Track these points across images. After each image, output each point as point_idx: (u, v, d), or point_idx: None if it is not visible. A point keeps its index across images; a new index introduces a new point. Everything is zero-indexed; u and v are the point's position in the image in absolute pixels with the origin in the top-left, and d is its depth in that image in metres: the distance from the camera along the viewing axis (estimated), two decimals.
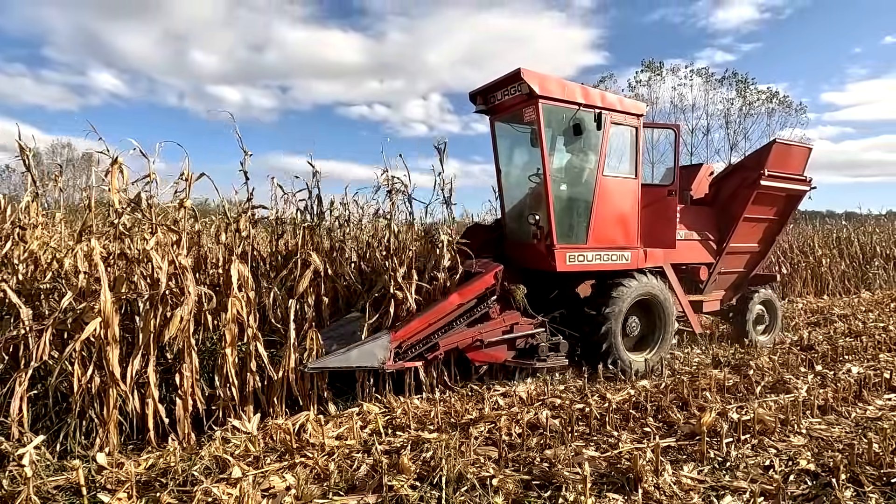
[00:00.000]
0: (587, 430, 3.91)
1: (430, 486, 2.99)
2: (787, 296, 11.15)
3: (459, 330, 4.93)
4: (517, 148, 6.12)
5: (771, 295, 7.31)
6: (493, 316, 5.13)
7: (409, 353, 4.67)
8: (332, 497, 2.93)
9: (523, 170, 6.05)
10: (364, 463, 3.33)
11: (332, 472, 3.18)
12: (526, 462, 3.33)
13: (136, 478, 3.04)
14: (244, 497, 2.73)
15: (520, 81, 5.16)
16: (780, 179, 6.71)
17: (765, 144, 6.90)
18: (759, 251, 7.33)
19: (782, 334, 7.43)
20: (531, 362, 5.22)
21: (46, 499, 2.91)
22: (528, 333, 5.25)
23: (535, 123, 5.29)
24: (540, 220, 5.33)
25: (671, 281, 6.11)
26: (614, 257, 5.61)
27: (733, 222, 6.76)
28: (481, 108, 5.82)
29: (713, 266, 6.87)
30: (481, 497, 2.89)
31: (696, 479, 3.09)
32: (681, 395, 4.55)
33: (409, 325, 4.62)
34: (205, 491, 2.87)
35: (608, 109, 5.48)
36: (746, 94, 28.32)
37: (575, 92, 5.34)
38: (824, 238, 13.00)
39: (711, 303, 7.04)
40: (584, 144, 5.58)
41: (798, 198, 7.13)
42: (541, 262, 5.40)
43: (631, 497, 2.89)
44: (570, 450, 3.45)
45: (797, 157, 6.95)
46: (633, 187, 5.75)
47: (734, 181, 6.93)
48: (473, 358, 5.02)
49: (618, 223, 5.67)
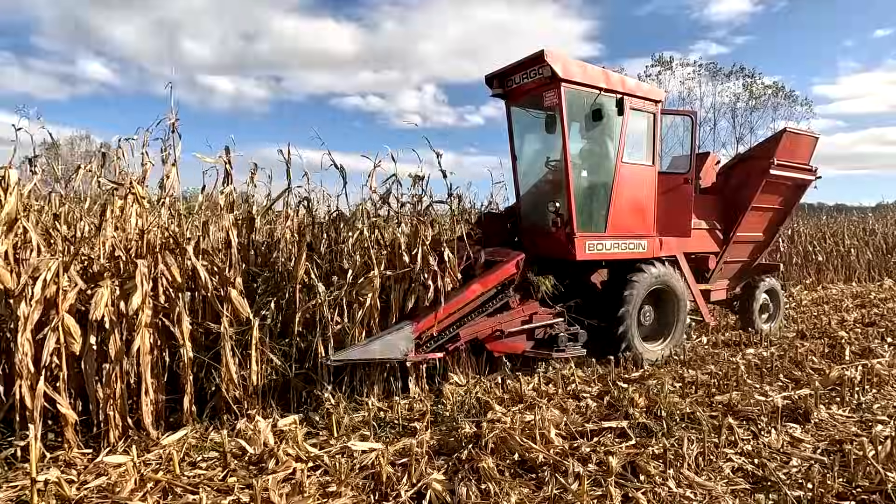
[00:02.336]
0: (736, 383, 4.56)
1: (655, 417, 3.78)
2: (820, 282, 12.20)
3: (480, 320, 4.80)
4: (534, 133, 5.96)
5: (774, 284, 7.38)
6: (512, 306, 5.01)
7: (429, 343, 4.53)
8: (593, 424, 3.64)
9: (539, 156, 5.90)
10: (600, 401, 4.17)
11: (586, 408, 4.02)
12: (707, 403, 4.11)
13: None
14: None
15: (542, 64, 4.99)
16: (788, 168, 6.72)
17: (775, 133, 6.90)
18: (763, 241, 7.37)
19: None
20: (550, 353, 5.13)
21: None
22: (547, 323, 5.15)
23: (556, 108, 5.14)
24: (560, 207, 5.21)
25: (684, 270, 6.08)
26: (632, 246, 5.54)
27: (741, 211, 6.75)
28: (498, 92, 5.64)
29: (720, 255, 6.88)
30: (689, 426, 3.60)
31: (845, 415, 3.85)
32: (794, 359, 5.30)
33: (431, 316, 4.46)
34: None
35: (628, 95, 5.36)
36: (753, 89, 28.74)
37: (597, 76, 5.20)
38: (853, 229, 14.13)
39: (718, 292, 7.07)
40: (604, 130, 5.46)
41: (804, 187, 7.17)
42: (559, 250, 5.29)
43: (805, 426, 3.66)
44: (742, 393, 4.25)
45: (805, 146, 6.98)
46: (651, 175, 5.67)
47: (743, 170, 6.92)
48: (493, 348, 4.91)
49: (635, 211, 5.59)
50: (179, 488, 2.85)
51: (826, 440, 3.41)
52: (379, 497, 2.79)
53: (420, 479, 2.85)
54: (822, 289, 11.52)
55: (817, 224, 14.14)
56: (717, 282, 7.13)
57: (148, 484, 2.85)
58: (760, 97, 28.99)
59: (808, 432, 3.55)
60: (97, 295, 3.30)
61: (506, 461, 3.10)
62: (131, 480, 2.83)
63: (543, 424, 3.39)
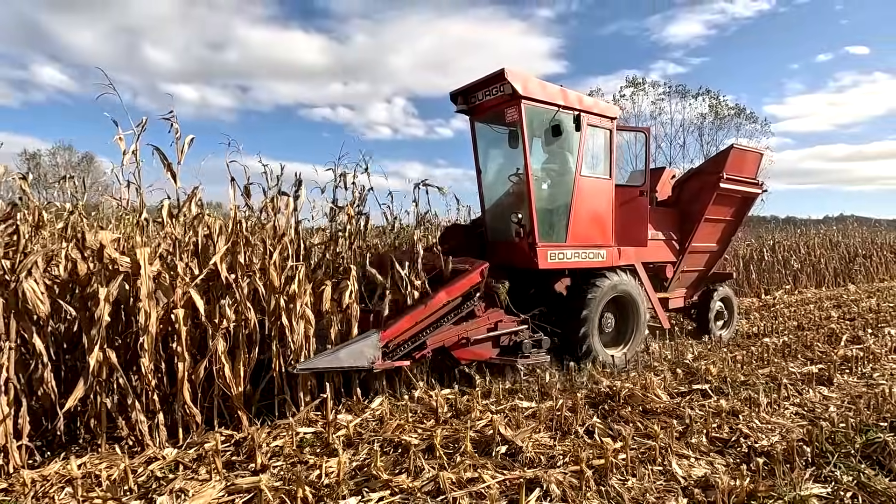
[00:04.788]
0: (767, 361, 5.79)
1: (724, 382, 4.86)
2: (796, 288, 13.86)
3: (446, 328, 4.92)
4: (497, 148, 6.19)
5: (728, 292, 7.75)
6: (478, 314, 5.14)
7: (396, 351, 4.61)
8: (684, 387, 4.84)
9: (503, 170, 6.12)
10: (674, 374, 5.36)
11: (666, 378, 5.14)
12: (754, 374, 5.20)
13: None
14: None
15: (503, 82, 5.23)
16: (737, 182, 7.14)
17: (723, 150, 7.32)
18: (717, 251, 7.75)
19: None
20: (515, 359, 5.27)
21: None
22: (511, 331, 5.30)
23: (517, 124, 5.37)
24: (522, 218, 5.41)
25: (642, 278, 6.36)
26: (591, 255, 5.78)
27: (695, 223, 7.12)
28: (462, 108, 5.85)
29: (677, 265, 7.21)
30: (748, 388, 4.70)
31: (855, 381, 5.11)
32: (804, 344, 6.58)
33: (397, 324, 4.56)
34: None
35: (586, 112, 5.65)
36: (718, 109, 30.46)
37: (555, 93, 5.47)
38: (820, 240, 16.00)
39: (676, 300, 7.39)
40: (563, 145, 5.72)
41: (752, 200, 7.61)
42: (523, 259, 5.48)
43: (829, 388, 4.86)
44: (776, 367, 5.49)
45: (751, 161, 7.42)
46: (608, 187, 5.94)
47: (695, 184, 7.30)
48: (459, 356, 5.02)
49: (594, 222, 5.84)
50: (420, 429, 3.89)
51: (847, 396, 4.61)
52: (562, 433, 3.81)
53: (585, 422, 3.95)
54: (798, 293, 13.13)
55: (793, 236, 16.01)
56: (675, 290, 7.46)
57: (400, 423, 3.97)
58: (724, 117, 30.80)
59: (833, 392, 4.75)
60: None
61: (636, 410, 4.20)
62: (393, 423, 3.95)
63: (652, 387, 4.57)
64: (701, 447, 3.54)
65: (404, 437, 3.67)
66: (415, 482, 3.03)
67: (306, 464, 3.34)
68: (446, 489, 2.93)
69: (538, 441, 3.60)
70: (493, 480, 3.02)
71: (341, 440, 3.67)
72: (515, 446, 3.46)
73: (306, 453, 3.49)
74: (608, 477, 3.06)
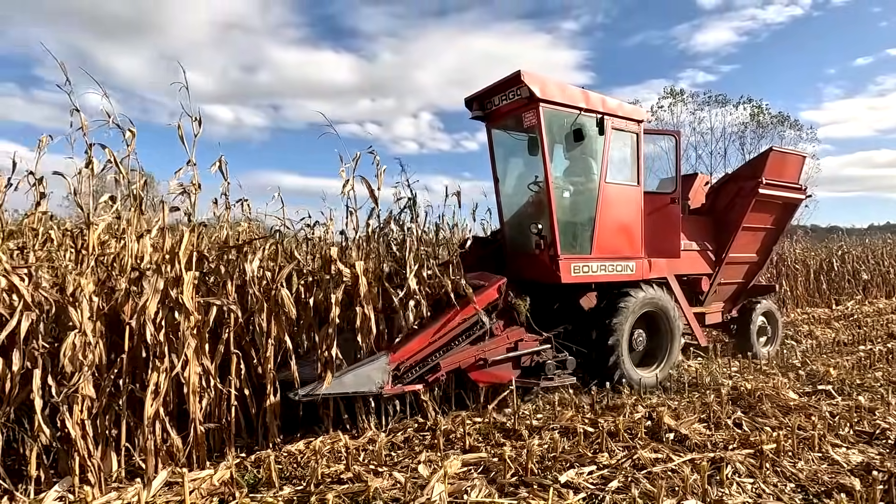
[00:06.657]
0: (871, 365, 6.26)
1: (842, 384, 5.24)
2: (866, 298, 13.37)
3: (461, 349, 4.56)
4: (516, 156, 5.85)
5: (771, 306, 7.17)
6: (496, 333, 4.77)
7: (407, 375, 4.28)
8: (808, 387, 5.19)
9: (522, 178, 5.78)
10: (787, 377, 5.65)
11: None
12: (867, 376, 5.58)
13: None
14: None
15: (519, 85, 4.91)
16: (777, 188, 6.61)
17: (761, 153, 6.82)
18: (757, 261, 7.20)
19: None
20: (538, 381, 4.87)
21: None
22: (533, 350, 4.91)
23: (535, 129, 5.04)
24: (542, 229, 5.05)
25: (676, 292, 5.88)
26: (619, 268, 5.35)
27: (732, 232, 6.61)
28: (478, 115, 5.56)
29: (713, 277, 6.69)
30: (867, 390, 5.03)
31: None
32: (841, 344, 7.41)
33: (408, 345, 4.24)
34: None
35: (609, 114, 5.27)
36: (760, 118, 29.41)
37: (576, 96, 5.12)
38: (889, 250, 15.52)
39: (713, 315, 6.85)
40: (585, 150, 5.35)
41: (794, 206, 7.06)
42: (544, 273, 5.10)
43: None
44: (882, 370, 5.90)
45: (792, 165, 6.89)
46: (636, 195, 5.53)
47: (731, 190, 6.81)
48: (477, 379, 4.65)
49: (622, 232, 5.43)
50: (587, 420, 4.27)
51: None
52: (715, 425, 4.09)
53: (731, 415, 4.24)
54: (869, 303, 12.78)
55: (864, 246, 15.34)
56: (712, 304, 6.92)
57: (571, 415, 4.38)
58: (766, 126, 29.65)
59: None
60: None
61: (774, 406, 4.42)
62: (567, 413, 4.40)
63: (779, 386, 4.91)
64: (850, 438, 3.82)
65: (577, 425, 4.06)
66: (611, 460, 3.45)
67: (502, 446, 3.73)
68: (647, 464, 3.35)
69: (697, 430, 3.96)
70: (680, 459, 3.41)
71: (525, 427, 4.11)
72: (680, 434, 3.86)
73: (499, 438, 3.95)
74: (780, 459, 3.41)
